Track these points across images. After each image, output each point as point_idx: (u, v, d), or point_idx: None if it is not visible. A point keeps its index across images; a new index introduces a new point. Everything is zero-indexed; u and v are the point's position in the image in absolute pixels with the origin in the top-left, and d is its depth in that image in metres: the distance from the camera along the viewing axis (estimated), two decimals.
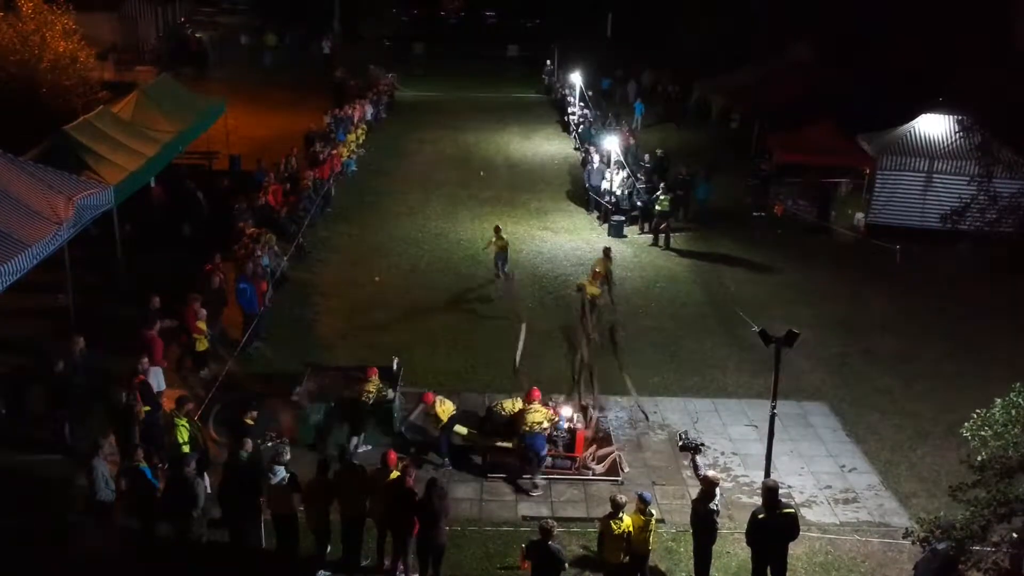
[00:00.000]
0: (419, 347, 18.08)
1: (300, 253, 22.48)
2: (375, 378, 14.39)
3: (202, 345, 16.44)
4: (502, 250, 21.81)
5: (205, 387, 15.71)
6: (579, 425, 13.85)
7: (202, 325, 16.32)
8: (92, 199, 18.60)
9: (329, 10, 57.85)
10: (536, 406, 13.49)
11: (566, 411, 13.92)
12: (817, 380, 17.59)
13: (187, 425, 12.89)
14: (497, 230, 22.21)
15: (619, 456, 14.29)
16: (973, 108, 24.99)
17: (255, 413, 13.39)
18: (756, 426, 15.67)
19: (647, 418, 15.71)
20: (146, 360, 14.23)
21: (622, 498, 11.33)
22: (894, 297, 21.69)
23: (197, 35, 50.63)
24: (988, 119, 24.58)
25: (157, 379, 14.74)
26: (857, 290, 22.10)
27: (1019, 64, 25.23)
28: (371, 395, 14.23)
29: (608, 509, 11.31)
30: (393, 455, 11.93)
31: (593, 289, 18.75)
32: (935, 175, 25.04)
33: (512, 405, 14.29)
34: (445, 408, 14.15)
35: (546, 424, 13.43)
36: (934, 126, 25.53)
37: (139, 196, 21.91)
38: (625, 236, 25.19)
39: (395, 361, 15.64)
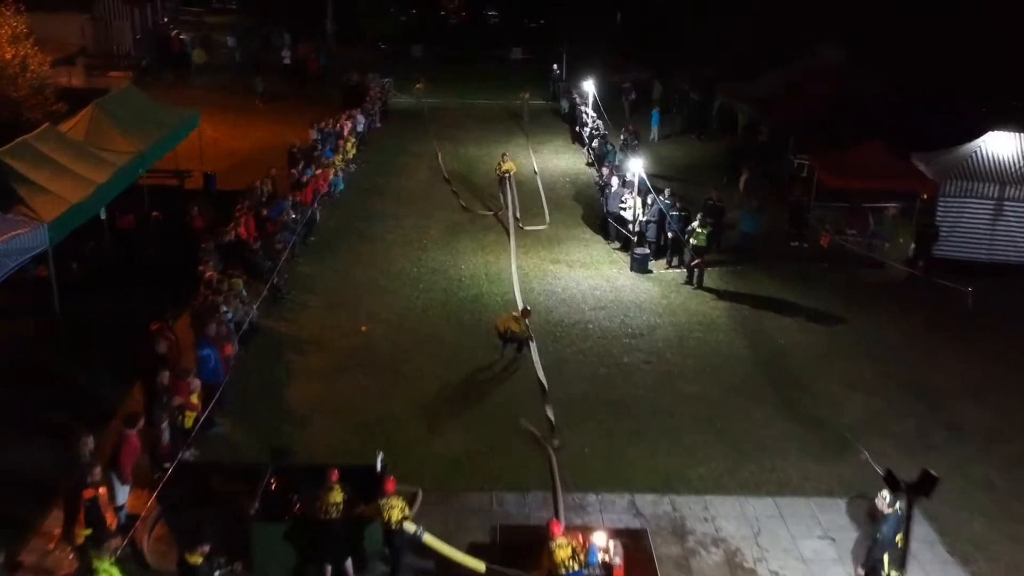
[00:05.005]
0: (410, 424, 14.94)
1: (275, 296, 19.33)
2: (338, 485, 11.19)
3: (188, 422, 13.54)
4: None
5: (152, 486, 12.55)
6: (617, 559, 10.64)
7: (194, 399, 13.57)
8: (19, 241, 15.73)
9: (321, 10, 54.61)
10: (559, 540, 10.28)
11: (599, 539, 10.71)
12: (895, 467, 14.27)
13: (111, 570, 9.79)
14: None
15: None
16: None
17: (207, 548, 10.16)
18: (833, 539, 12.52)
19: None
20: (98, 470, 11.09)
21: None
22: (972, 351, 18.41)
23: (180, 36, 47.33)
24: None
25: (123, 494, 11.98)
26: (925, 341, 18.90)
27: None
28: (336, 509, 11.05)
29: None
30: None
31: (509, 165, 27.82)
32: (1006, 202, 21.80)
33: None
34: (392, 504, 10.93)
35: (575, 558, 10.23)
36: (1004, 146, 22.23)
37: (88, 230, 18.98)
38: (651, 272, 21.97)
39: (379, 457, 12.34)
